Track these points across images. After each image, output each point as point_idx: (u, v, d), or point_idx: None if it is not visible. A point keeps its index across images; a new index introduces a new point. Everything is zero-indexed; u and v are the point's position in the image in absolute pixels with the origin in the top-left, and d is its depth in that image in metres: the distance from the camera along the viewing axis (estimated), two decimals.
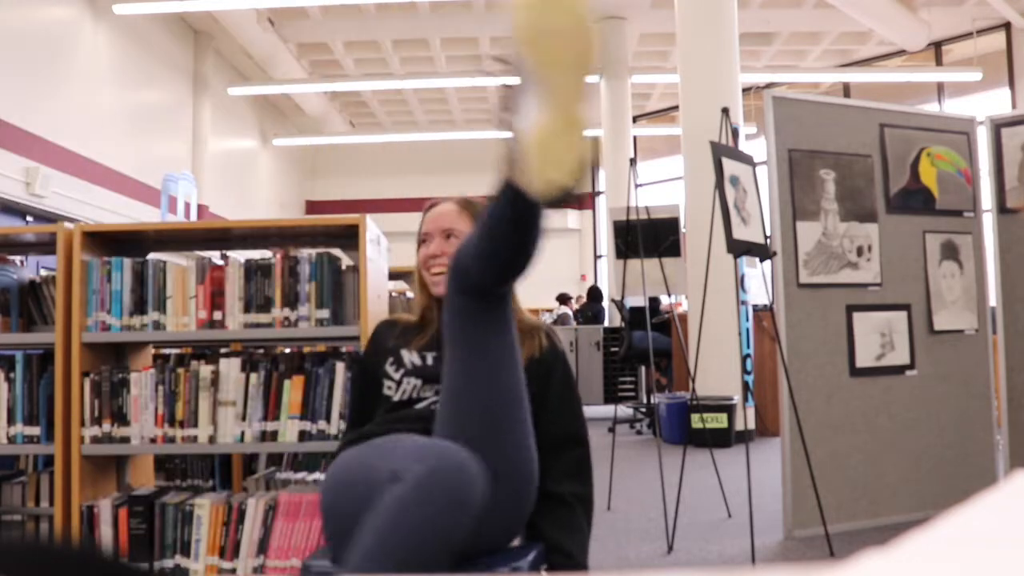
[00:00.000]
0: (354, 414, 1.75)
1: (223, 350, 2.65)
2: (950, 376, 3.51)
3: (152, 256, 2.39)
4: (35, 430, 2.30)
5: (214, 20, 10.29)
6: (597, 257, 15.93)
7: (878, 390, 3.37)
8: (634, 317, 6.60)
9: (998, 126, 3.66)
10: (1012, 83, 10.49)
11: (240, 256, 2.37)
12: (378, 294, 2.39)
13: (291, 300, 2.25)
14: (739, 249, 3.06)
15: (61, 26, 8.38)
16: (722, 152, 3.18)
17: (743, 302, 5.54)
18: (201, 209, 10.23)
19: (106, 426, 2.26)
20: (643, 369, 7.74)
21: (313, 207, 16.24)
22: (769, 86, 11.19)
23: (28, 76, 7.79)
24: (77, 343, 2.27)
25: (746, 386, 5.83)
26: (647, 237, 5.09)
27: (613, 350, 8.14)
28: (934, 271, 3.52)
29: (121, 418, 2.26)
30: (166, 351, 2.88)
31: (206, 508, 2.22)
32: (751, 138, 10.13)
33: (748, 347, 5.89)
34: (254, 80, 12.44)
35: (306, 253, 2.29)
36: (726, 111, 3.70)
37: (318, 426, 2.21)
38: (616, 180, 10.44)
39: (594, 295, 9.92)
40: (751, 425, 5.79)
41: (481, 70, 12.18)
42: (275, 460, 2.89)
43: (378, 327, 1.80)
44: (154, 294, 2.28)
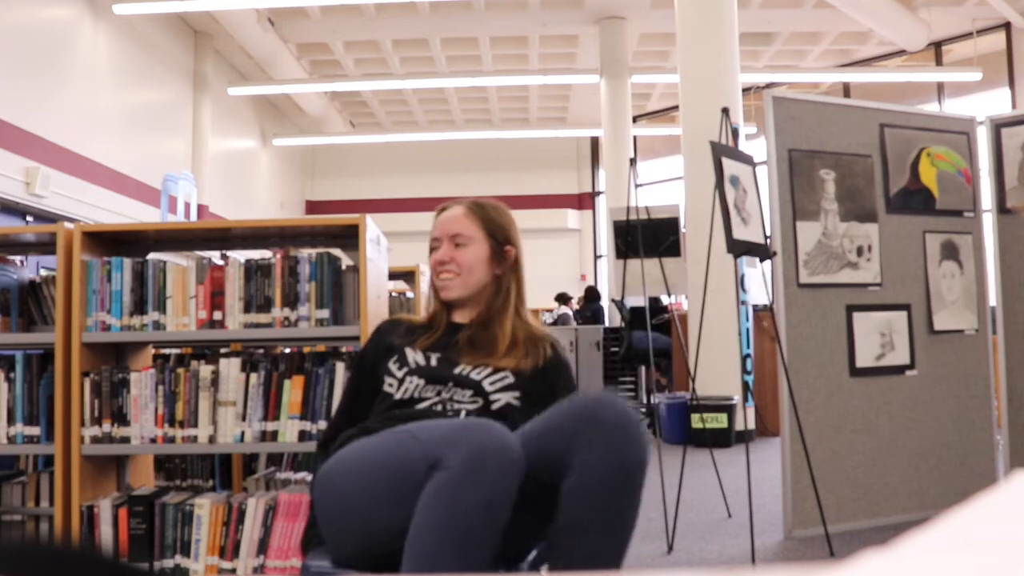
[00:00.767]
0: (346, 407, 1.73)
1: (223, 350, 2.66)
2: (950, 376, 3.51)
3: (152, 256, 2.39)
4: (35, 430, 2.30)
5: (214, 20, 10.29)
6: (597, 257, 15.92)
7: (878, 390, 3.37)
8: (634, 317, 6.60)
9: (998, 126, 3.66)
10: (1012, 83, 10.49)
11: (240, 256, 2.37)
12: (378, 294, 2.39)
13: (291, 300, 2.25)
14: (739, 249, 3.06)
15: (61, 26, 8.37)
16: (722, 152, 3.18)
17: (743, 302, 5.53)
18: (201, 209, 10.24)
19: (106, 426, 2.26)
20: (643, 369, 7.74)
21: (313, 207, 16.23)
22: (769, 86, 11.18)
23: (28, 76, 7.79)
24: (77, 343, 2.27)
25: (746, 386, 5.82)
26: (647, 237, 5.09)
27: (613, 350, 8.14)
28: (934, 271, 3.52)
29: (121, 418, 2.26)
30: (166, 351, 2.88)
31: (206, 508, 2.22)
32: (751, 138, 10.14)
33: (748, 347, 5.89)
34: (254, 80, 12.44)
35: (306, 253, 2.30)
36: (726, 111, 3.70)
37: (318, 426, 2.21)
38: (616, 180, 10.44)
39: (591, 295, 9.91)
40: (751, 425, 5.79)
41: (481, 70, 12.18)
42: (275, 460, 2.89)
43: (382, 324, 1.80)
44: (154, 294, 2.28)
